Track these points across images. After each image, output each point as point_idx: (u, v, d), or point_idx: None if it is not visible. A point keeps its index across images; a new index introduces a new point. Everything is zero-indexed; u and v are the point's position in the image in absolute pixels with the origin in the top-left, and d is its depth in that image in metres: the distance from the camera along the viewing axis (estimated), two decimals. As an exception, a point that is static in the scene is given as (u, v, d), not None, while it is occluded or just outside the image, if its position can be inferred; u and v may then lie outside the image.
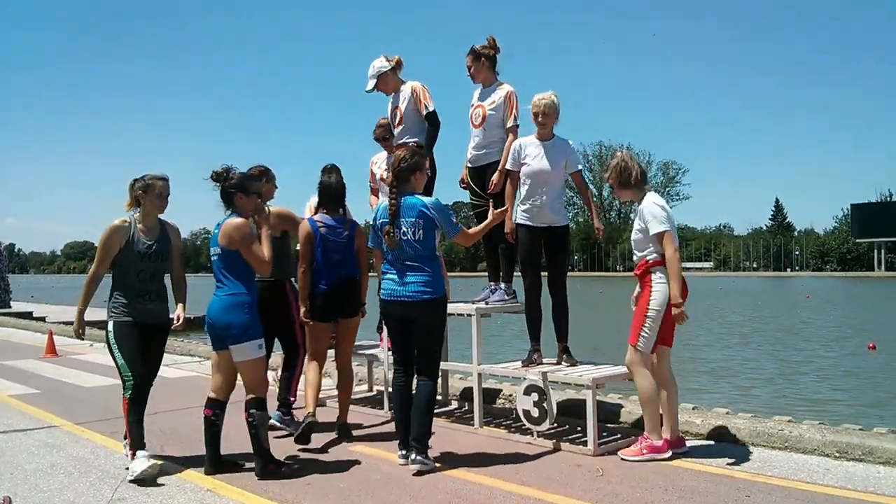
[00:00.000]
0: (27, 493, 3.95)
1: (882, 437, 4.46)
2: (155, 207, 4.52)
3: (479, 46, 5.47)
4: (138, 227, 4.45)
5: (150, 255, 4.44)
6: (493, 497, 3.80)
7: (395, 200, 4.36)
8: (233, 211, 4.35)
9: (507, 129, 5.42)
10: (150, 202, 4.47)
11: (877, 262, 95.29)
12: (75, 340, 12.81)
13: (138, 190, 4.46)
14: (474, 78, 5.54)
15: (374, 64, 5.72)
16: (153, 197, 4.47)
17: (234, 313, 4.20)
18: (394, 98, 5.81)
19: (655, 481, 4.03)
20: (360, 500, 3.80)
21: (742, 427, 4.85)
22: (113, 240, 4.39)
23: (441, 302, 4.45)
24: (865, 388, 11.29)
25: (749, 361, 13.92)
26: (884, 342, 16.15)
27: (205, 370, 8.77)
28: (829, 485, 3.93)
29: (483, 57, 5.46)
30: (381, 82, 5.73)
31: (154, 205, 4.50)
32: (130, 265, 4.41)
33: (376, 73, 5.70)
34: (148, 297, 4.47)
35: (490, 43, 5.50)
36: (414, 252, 4.35)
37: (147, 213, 4.49)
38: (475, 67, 5.49)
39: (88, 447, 5.00)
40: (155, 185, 4.48)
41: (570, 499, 3.76)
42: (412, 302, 4.33)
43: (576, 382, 4.85)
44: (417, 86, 5.64)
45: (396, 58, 5.76)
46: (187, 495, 3.90)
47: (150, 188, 4.46)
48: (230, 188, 4.34)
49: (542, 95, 5.06)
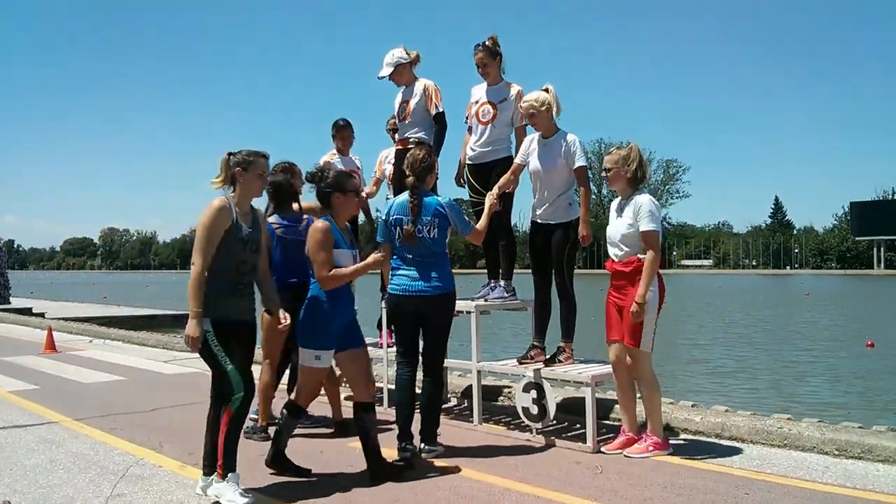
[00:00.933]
0: (26, 489, 3.95)
1: (881, 436, 4.47)
2: (255, 189, 3.90)
3: (490, 43, 5.44)
4: (236, 210, 3.81)
5: (250, 243, 3.83)
6: (492, 494, 3.81)
7: (417, 199, 4.41)
8: (329, 212, 4.20)
9: (518, 128, 5.46)
10: (249, 182, 3.83)
11: (876, 260, 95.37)
12: (74, 336, 12.86)
13: (236, 166, 3.81)
14: (487, 75, 5.50)
15: (393, 52, 5.73)
16: (254, 176, 3.84)
17: (301, 315, 4.17)
18: (404, 91, 5.81)
19: (654, 479, 4.03)
20: (359, 496, 3.80)
21: (741, 425, 4.86)
22: (219, 222, 3.69)
23: (452, 297, 4.56)
24: (864, 386, 11.29)
25: (748, 359, 13.92)
26: (882, 340, 16.15)
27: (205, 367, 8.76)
28: (827, 482, 3.94)
29: (498, 55, 5.44)
30: (397, 73, 5.74)
31: (254, 186, 3.88)
32: (232, 255, 3.74)
33: (395, 62, 5.70)
34: (244, 291, 3.85)
35: (495, 41, 5.47)
36: (428, 249, 4.44)
37: (244, 194, 3.85)
38: (490, 64, 5.44)
39: (88, 443, 5.00)
40: (257, 163, 3.85)
41: (569, 496, 3.76)
42: (427, 296, 4.42)
43: (575, 380, 4.86)
44: (431, 85, 5.67)
45: (416, 53, 5.79)
46: (186, 491, 3.90)
47: (251, 165, 3.83)
48: (326, 188, 4.18)
49: (527, 97, 5.06)
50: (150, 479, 4.14)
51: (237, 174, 3.81)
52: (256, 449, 4.58)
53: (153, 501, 3.74)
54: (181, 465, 4.40)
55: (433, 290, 4.42)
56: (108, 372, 8.41)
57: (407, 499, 3.76)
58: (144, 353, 10.29)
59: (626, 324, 4.45)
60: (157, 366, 8.97)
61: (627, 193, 4.58)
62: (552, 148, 5.06)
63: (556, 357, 5.05)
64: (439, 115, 5.60)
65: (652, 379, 4.49)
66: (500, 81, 5.51)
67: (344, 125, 6.49)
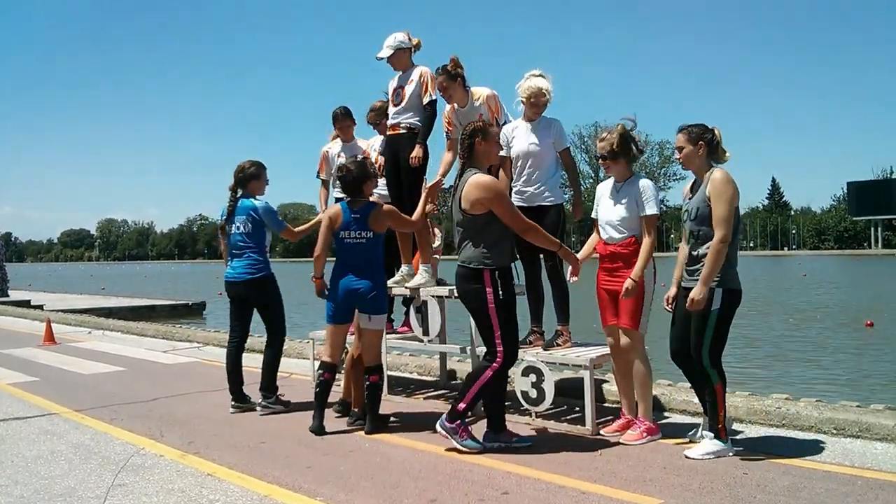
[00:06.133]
0: (28, 481, 3.96)
1: (879, 414, 4.49)
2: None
3: (450, 66, 5.28)
4: None
5: None
6: (492, 477, 3.82)
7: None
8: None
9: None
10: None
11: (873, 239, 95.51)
12: (73, 328, 12.88)
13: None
14: (450, 98, 5.38)
15: (395, 35, 5.67)
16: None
17: (382, 292, 4.97)
18: (400, 77, 5.76)
19: (654, 460, 4.05)
20: (359, 482, 3.82)
21: (739, 405, 4.87)
22: None
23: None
24: (863, 364, 11.34)
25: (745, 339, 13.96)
26: (881, 319, 16.21)
27: (204, 356, 8.80)
28: (826, 461, 3.96)
29: (458, 77, 5.29)
30: (395, 57, 5.68)
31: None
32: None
33: (397, 45, 5.65)
34: None
35: (455, 63, 5.30)
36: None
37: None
38: (451, 87, 5.29)
39: (88, 434, 5.01)
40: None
41: (568, 478, 3.77)
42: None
43: (573, 363, 4.87)
44: (427, 72, 5.62)
45: (417, 40, 5.74)
46: (187, 480, 3.92)
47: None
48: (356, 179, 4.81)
49: (531, 83, 5.01)
50: (151, 468, 4.15)
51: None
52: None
53: (155, 491, 3.75)
54: (182, 455, 4.41)
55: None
56: (108, 363, 8.42)
57: (406, 483, 3.78)
58: (143, 344, 10.29)
59: (624, 306, 4.45)
60: (156, 356, 8.98)
61: (625, 177, 4.56)
62: (541, 129, 5.08)
63: (554, 341, 5.06)
64: (432, 102, 5.55)
65: (646, 361, 4.50)
66: (466, 103, 5.39)
67: (343, 115, 6.44)
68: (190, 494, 3.68)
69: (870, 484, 3.57)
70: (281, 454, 4.39)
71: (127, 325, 12.56)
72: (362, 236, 4.87)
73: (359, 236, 4.88)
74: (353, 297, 4.88)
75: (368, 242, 4.89)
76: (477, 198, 4.22)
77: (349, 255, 4.91)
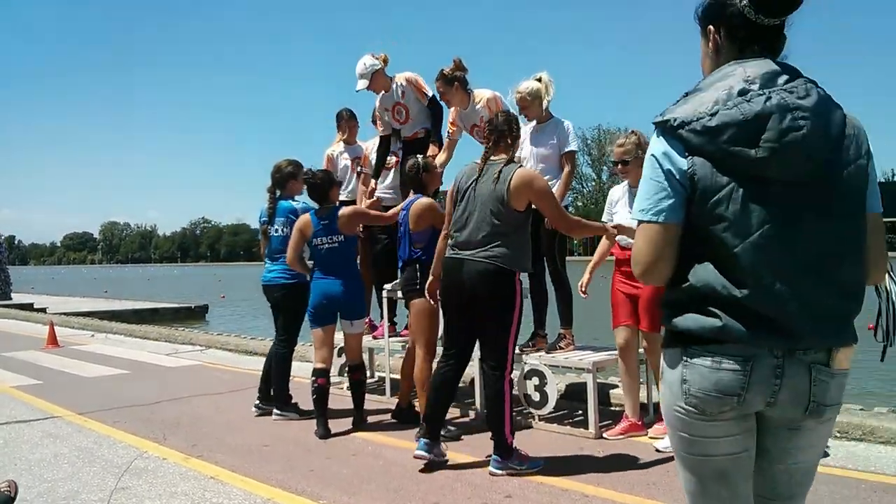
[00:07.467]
0: (31, 484, 3.96)
1: (883, 417, 4.48)
2: None
3: (448, 70, 5.32)
4: None
5: None
6: (494, 481, 3.82)
7: None
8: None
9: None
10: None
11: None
12: (76, 331, 12.89)
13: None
14: (449, 102, 5.44)
15: (364, 62, 5.64)
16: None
17: (359, 296, 5.12)
18: (383, 98, 5.77)
19: (658, 463, 4.04)
20: (362, 485, 3.82)
21: (743, 408, 4.85)
22: None
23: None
24: (866, 368, 11.30)
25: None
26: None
27: (206, 359, 8.81)
28: (830, 464, 3.94)
29: (455, 80, 5.33)
30: (374, 81, 5.69)
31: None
32: None
33: (369, 71, 5.65)
34: None
35: (457, 65, 5.34)
36: None
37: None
38: (449, 92, 5.34)
39: (92, 437, 5.01)
40: None
41: (571, 481, 3.77)
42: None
43: (576, 366, 4.87)
44: (411, 76, 5.64)
45: (383, 55, 5.73)
46: (191, 483, 3.92)
47: None
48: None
49: (519, 88, 5.03)
50: (154, 471, 4.15)
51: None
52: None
53: (158, 494, 3.76)
54: (185, 458, 4.42)
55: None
56: (111, 366, 8.43)
57: (409, 487, 3.77)
58: (147, 347, 10.31)
59: (645, 310, 4.45)
60: (159, 359, 8.99)
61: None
62: (547, 133, 5.07)
63: (557, 344, 5.06)
64: (431, 99, 5.58)
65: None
66: (468, 105, 5.41)
67: (349, 116, 6.45)
68: (193, 497, 3.68)
69: (873, 487, 3.56)
70: (284, 457, 4.39)
71: (130, 328, 12.58)
72: (334, 241, 4.96)
73: (331, 241, 4.96)
74: (333, 301, 4.96)
75: (341, 245, 4.98)
76: (525, 191, 3.86)
77: (325, 261, 4.99)
